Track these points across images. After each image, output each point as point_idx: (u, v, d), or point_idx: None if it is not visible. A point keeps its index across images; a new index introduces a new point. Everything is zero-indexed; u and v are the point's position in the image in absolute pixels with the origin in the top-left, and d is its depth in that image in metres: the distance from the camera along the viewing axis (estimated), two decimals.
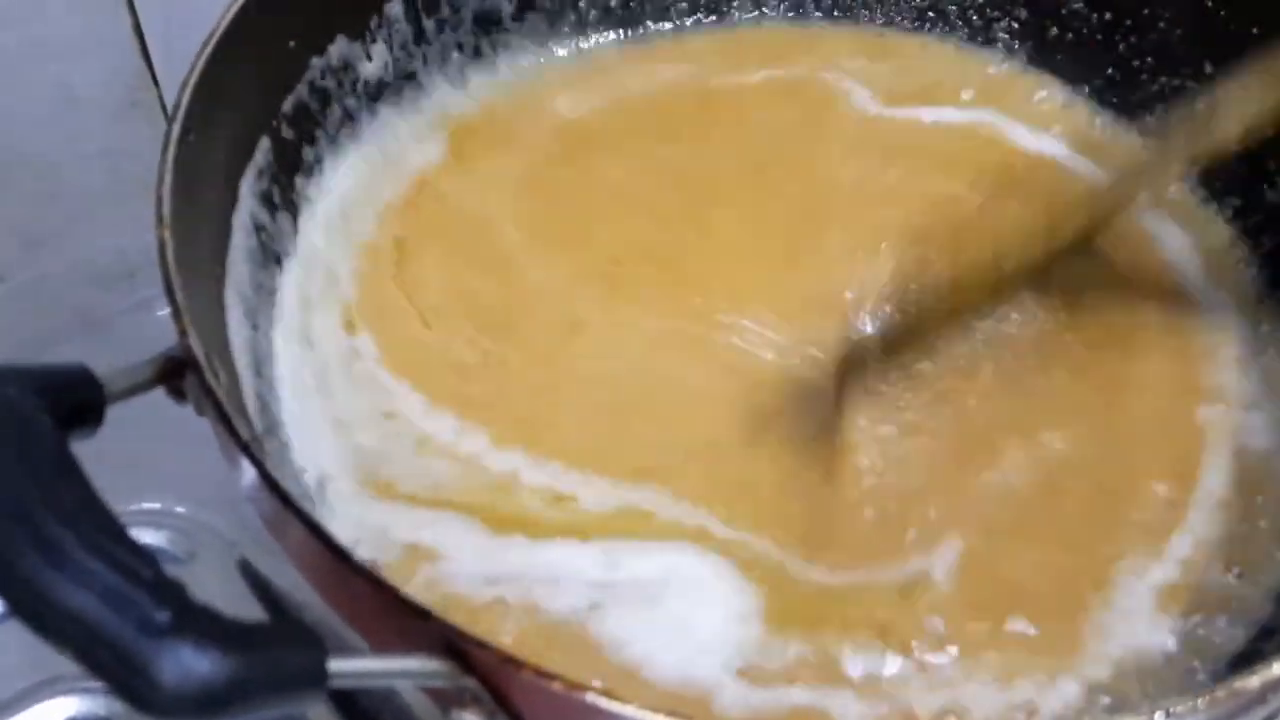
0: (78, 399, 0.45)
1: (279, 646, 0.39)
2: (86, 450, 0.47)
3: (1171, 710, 0.41)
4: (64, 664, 0.38)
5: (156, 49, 0.81)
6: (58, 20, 0.78)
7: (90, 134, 0.83)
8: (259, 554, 0.66)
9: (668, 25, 0.77)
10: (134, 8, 0.80)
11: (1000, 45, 0.77)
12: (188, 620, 0.38)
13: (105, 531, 0.39)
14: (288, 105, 0.64)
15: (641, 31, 0.77)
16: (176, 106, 0.54)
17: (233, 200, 0.60)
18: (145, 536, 0.67)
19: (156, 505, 0.70)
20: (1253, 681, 0.41)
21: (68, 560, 0.37)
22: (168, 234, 0.50)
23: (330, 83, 0.67)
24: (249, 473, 0.47)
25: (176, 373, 0.49)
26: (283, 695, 0.39)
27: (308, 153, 0.66)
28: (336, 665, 0.40)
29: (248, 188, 0.61)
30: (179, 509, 0.70)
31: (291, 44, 0.63)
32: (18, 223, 0.82)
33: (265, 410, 0.57)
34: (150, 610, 0.37)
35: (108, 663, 0.37)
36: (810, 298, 0.64)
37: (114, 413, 0.49)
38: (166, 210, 0.51)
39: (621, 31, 0.77)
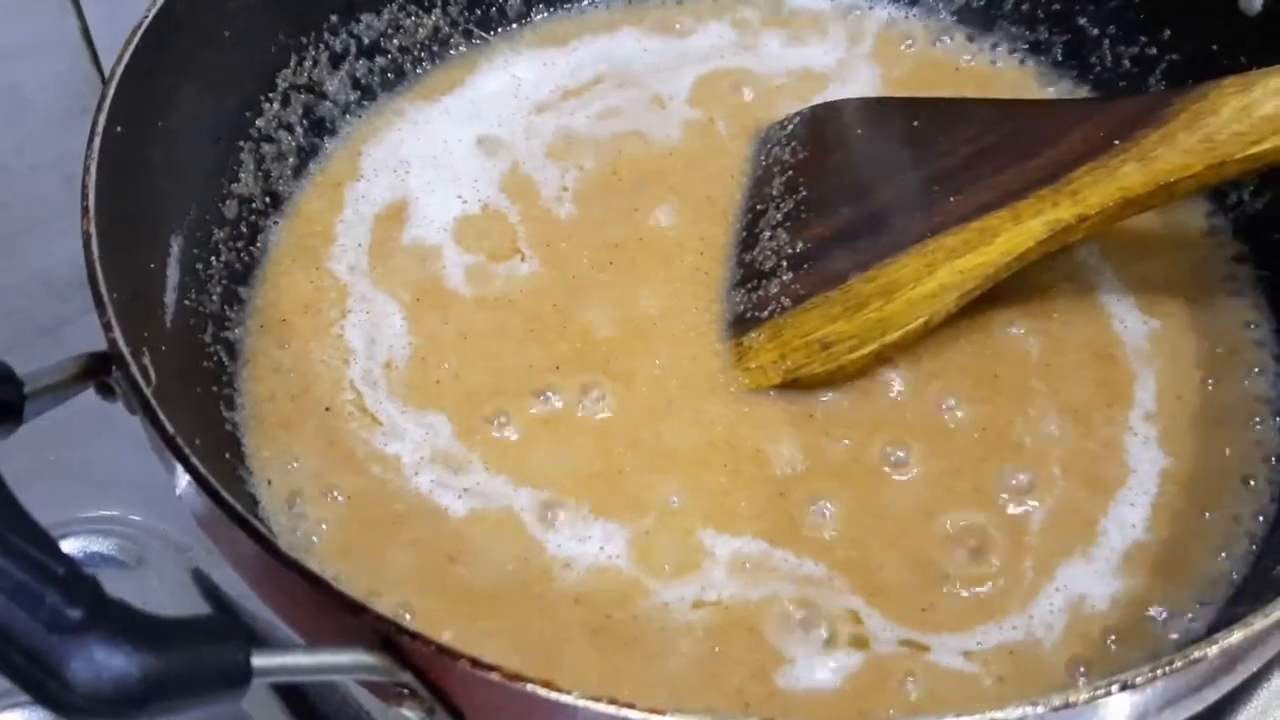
0: None
1: (199, 642, 0.38)
2: (37, 454, 0.46)
3: (1130, 682, 0.40)
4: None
5: (106, 53, 0.80)
6: (3, 26, 0.77)
7: (41, 141, 0.81)
8: (211, 561, 0.64)
9: None
10: (81, 12, 0.79)
11: None
12: (101, 617, 0.36)
13: (15, 529, 0.37)
14: (231, 103, 0.63)
15: None
16: (104, 97, 0.53)
17: (173, 199, 0.59)
18: (93, 544, 0.66)
19: (110, 512, 0.68)
20: (1211, 650, 0.40)
21: None
22: (92, 226, 0.49)
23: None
24: (179, 471, 0.46)
25: (102, 369, 0.47)
26: (204, 691, 0.37)
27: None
28: (261, 661, 0.38)
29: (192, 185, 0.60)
30: (133, 516, 0.68)
31: (226, 33, 0.61)
32: None
33: None
34: (61, 607, 0.36)
35: (17, 663, 0.36)
36: None
37: (65, 420, 0.48)
38: (91, 202, 0.50)
39: None
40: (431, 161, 0.68)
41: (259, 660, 0.38)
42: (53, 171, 0.82)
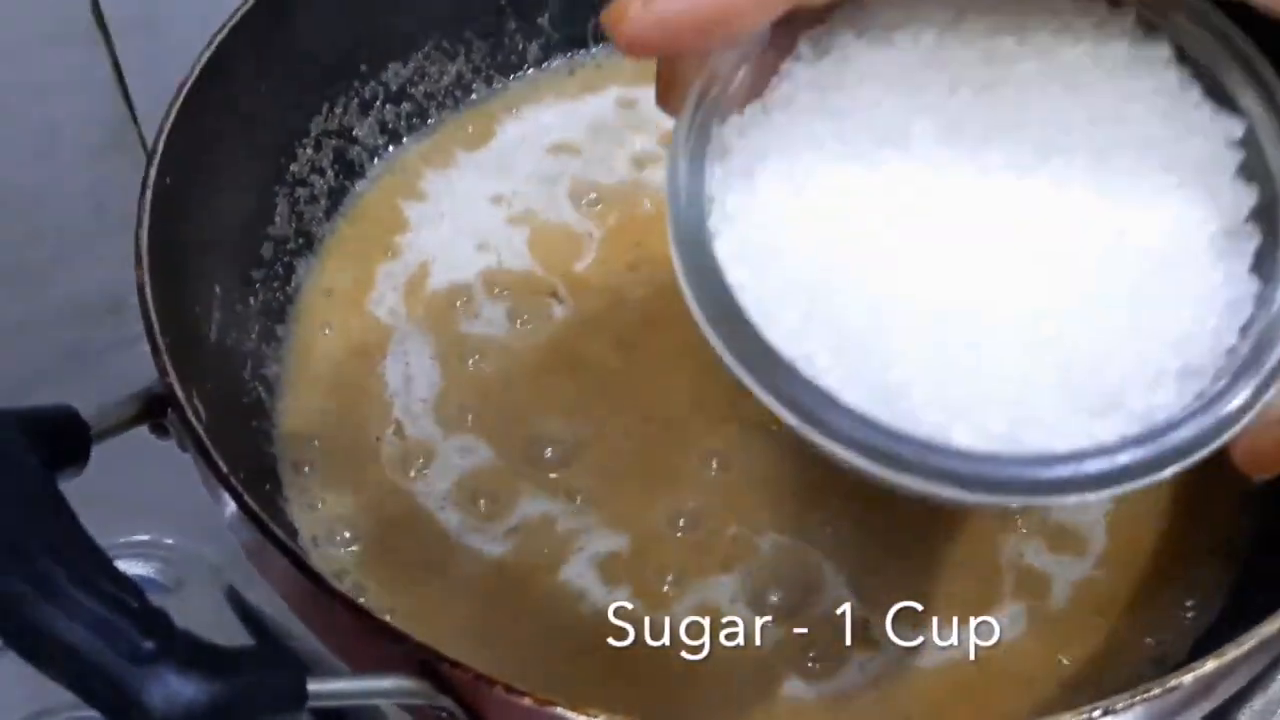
0: (65, 439, 0.47)
1: (260, 670, 0.41)
2: (77, 484, 0.50)
3: (1111, 708, 0.43)
4: (58, 694, 0.41)
5: (136, 88, 0.83)
6: (37, 59, 0.79)
7: (73, 172, 0.84)
8: (245, 582, 0.67)
9: None
10: (112, 47, 0.81)
11: None
12: (172, 648, 0.40)
13: (93, 565, 0.41)
14: (268, 150, 0.66)
15: None
16: (154, 151, 0.56)
17: (214, 244, 0.62)
18: (134, 568, 0.69)
19: (145, 536, 0.71)
20: (1186, 679, 0.43)
21: (59, 594, 0.40)
22: (146, 276, 0.52)
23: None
24: (230, 506, 0.49)
25: (158, 410, 0.51)
26: (263, 715, 0.41)
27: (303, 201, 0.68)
28: (315, 686, 0.42)
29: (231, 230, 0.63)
30: (167, 540, 0.71)
31: (262, 88, 0.64)
32: (0, 263, 0.83)
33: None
34: (137, 639, 0.40)
35: (100, 691, 0.40)
36: None
37: (104, 447, 0.51)
38: (144, 251, 0.53)
39: None
40: (456, 205, 0.71)
41: (313, 686, 0.42)
42: (83, 202, 0.85)
